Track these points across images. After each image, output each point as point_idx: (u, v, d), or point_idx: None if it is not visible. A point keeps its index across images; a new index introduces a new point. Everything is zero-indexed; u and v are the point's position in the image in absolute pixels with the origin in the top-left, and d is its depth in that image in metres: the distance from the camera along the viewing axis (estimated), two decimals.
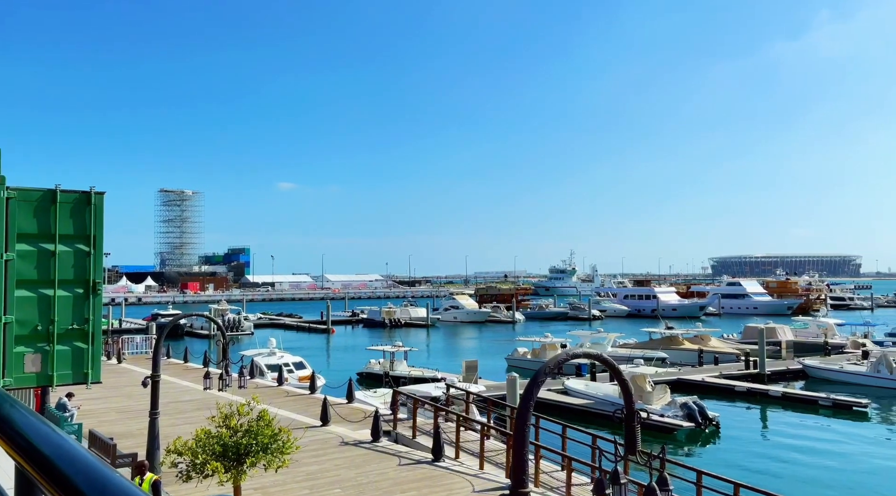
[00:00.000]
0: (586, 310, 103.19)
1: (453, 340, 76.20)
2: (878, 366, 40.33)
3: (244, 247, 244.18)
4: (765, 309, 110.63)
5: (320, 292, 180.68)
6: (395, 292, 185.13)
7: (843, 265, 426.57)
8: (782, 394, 36.76)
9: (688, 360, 47.25)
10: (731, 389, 38.24)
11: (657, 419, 28.95)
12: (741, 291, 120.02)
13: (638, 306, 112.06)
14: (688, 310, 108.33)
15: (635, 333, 61.65)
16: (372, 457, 16.52)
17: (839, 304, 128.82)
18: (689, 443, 27.89)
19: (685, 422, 28.54)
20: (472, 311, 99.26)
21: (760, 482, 19.68)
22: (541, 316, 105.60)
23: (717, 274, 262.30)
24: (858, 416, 32.59)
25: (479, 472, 15.20)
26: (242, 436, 11.56)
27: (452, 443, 16.95)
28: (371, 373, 42.63)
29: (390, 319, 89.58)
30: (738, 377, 40.88)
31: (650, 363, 41.14)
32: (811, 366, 43.70)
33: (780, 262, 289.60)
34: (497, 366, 47.54)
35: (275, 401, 23.76)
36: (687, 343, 51.22)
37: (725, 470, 21.02)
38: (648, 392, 30.84)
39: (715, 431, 28.90)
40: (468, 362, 36.31)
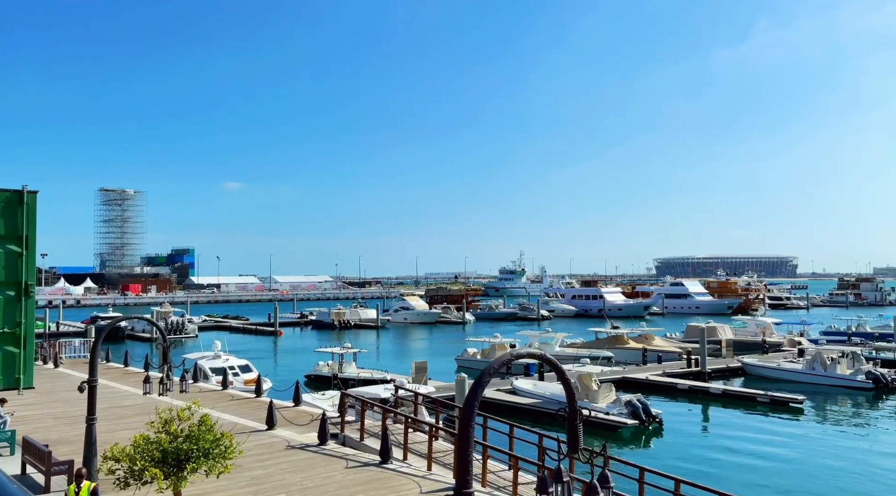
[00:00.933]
0: (535, 310, 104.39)
1: (403, 341, 76.05)
2: (813, 364, 41.91)
3: (189, 247, 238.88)
4: (706, 308, 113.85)
5: (268, 294, 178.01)
6: (345, 293, 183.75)
7: (780, 266, 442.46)
8: (722, 392, 37.87)
9: (633, 359, 48.27)
10: (673, 387, 39.21)
11: (603, 417, 29.45)
12: (684, 291, 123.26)
13: (585, 306, 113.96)
14: (633, 309, 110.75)
15: (582, 333, 62.64)
16: (318, 461, 16.32)
17: (777, 304, 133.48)
18: (633, 440, 28.45)
19: (630, 420, 29.12)
20: (422, 312, 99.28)
21: (701, 477, 20.20)
22: (491, 316, 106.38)
23: (661, 274, 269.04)
24: (794, 412, 33.81)
25: (427, 473, 15.18)
26: (183, 442, 11.27)
27: (400, 445, 16.90)
28: (319, 375, 42.19)
29: (340, 321, 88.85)
30: (680, 375, 41.95)
31: (596, 362, 41.83)
32: (750, 364, 45.14)
33: (721, 263, 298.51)
34: (447, 366, 47.66)
35: (219, 406, 23.29)
36: (632, 342, 52.30)
37: (667, 466, 21.52)
38: (594, 390, 31.35)
39: (658, 428, 29.57)
40: (418, 363, 36.28)
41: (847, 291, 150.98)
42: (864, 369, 39.88)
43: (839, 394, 38.26)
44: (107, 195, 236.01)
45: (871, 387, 38.47)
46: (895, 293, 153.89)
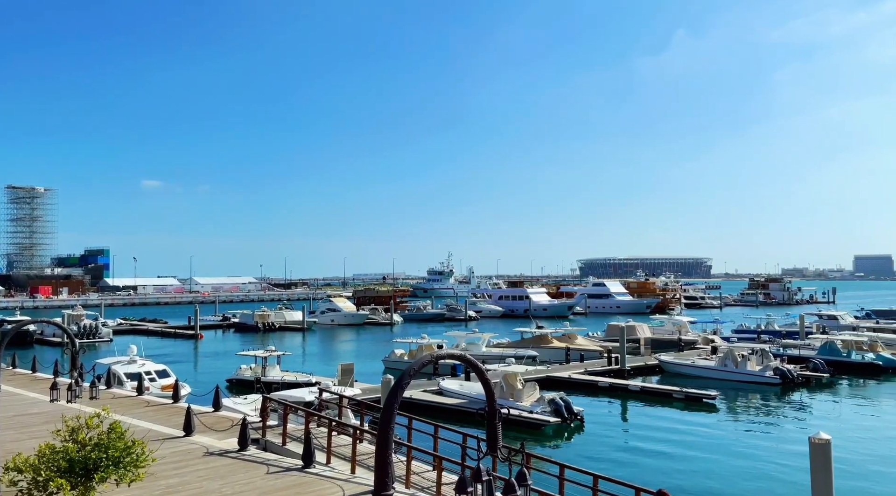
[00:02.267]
0: (463, 311, 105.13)
1: (330, 344, 75.13)
2: (725, 361, 43.85)
3: (103, 248, 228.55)
4: (627, 308, 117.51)
5: (188, 296, 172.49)
6: (270, 295, 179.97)
7: (695, 266, 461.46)
8: (641, 389, 39.15)
9: (556, 358, 49.29)
10: (594, 385, 40.26)
11: (527, 416, 29.95)
12: (605, 291, 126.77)
13: (512, 306, 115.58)
14: (557, 309, 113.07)
15: (508, 333, 63.53)
16: (238, 467, 15.91)
17: (692, 303, 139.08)
18: (555, 437, 29.05)
19: (552, 418, 29.72)
20: (349, 314, 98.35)
21: (620, 472, 20.83)
22: (419, 317, 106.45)
23: (584, 275, 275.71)
24: (708, 408, 35.27)
25: (351, 477, 15.03)
26: (91, 450, 10.75)
27: (324, 449, 16.67)
28: (242, 379, 41.18)
29: (264, 323, 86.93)
30: (601, 373, 43.13)
31: (521, 362, 42.48)
32: (666, 362, 46.84)
33: (641, 264, 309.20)
34: (374, 368, 47.40)
35: (133, 412, 22.37)
36: (556, 341, 53.41)
37: (588, 462, 22.09)
38: (519, 389, 31.84)
39: (580, 425, 30.30)
40: (344, 365, 35.95)
41: (757, 291, 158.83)
42: (772, 366, 42.00)
43: (749, 389, 40.16)
44: (14, 193, 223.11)
45: (779, 383, 40.56)
46: (802, 293, 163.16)
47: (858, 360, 46.46)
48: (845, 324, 73.56)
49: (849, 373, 44.92)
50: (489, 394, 6.52)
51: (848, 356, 46.94)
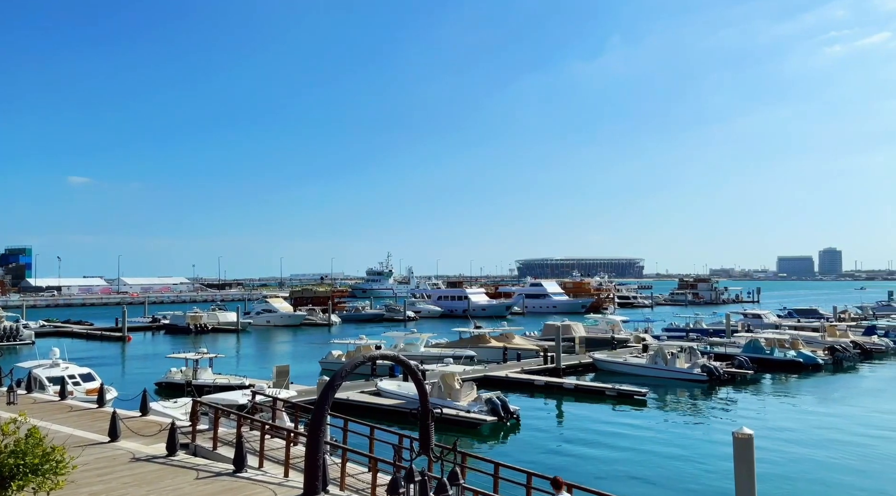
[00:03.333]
0: (402, 311, 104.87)
1: (266, 345, 73.70)
2: (655, 358, 45.12)
3: (25, 247, 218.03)
4: (563, 307, 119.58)
5: (116, 297, 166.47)
6: (202, 296, 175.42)
7: (629, 267, 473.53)
8: (575, 387, 39.90)
9: (494, 358, 49.74)
10: (531, 383, 40.82)
11: (464, 415, 30.11)
12: (542, 291, 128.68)
13: (451, 307, 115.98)
14: (496, 309, 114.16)
15: (447, 333, 63.69)
16: (166, 473, 15.42)
17: (625, 303, 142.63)
18: (492, 436, 29.30)
19: (489, 417, 29.96)
20: (286, 315, 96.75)
21: (554, 469, 21.15)
22: (357, 318, 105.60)
23: (522, 275, 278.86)
24: (638, 404, 36.23)
25: (284, 480, 14.77)
26: (7, 457, 10.25)
27: (256, 453, 16.34)
28: (172, 382, 39.97)
29: (196, 325, 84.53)
30: (537, 372, 43.76)
31: (459, 361, 42.72)
32: (600, 360, 47.87)
33: (577, 264, 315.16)
34: (311, 370, 46.77)
35: (55, 417, 21.43)
36: (493, 341, 53.88)
37: (523, 460, 22.37)
38: (457, 389, 31.98)
39: (516, 424, 30.65)
40: (279, 367, 35.32)
41: (686, 291, 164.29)
42: (699, 363, 43.43)
43: (678, 386, 41.44)
44: None
45: (706, 379, 41.99)
46: (728, 293, 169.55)
47: (780, 358, 48.54)
48: (769, 322, 76.86)
49: (771, 370, 46.87)
50: (422, 395, 6.51)
51: (771, 353, 48.97)
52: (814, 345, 53.54)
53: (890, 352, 56.47)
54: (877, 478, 22.78)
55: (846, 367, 49.81)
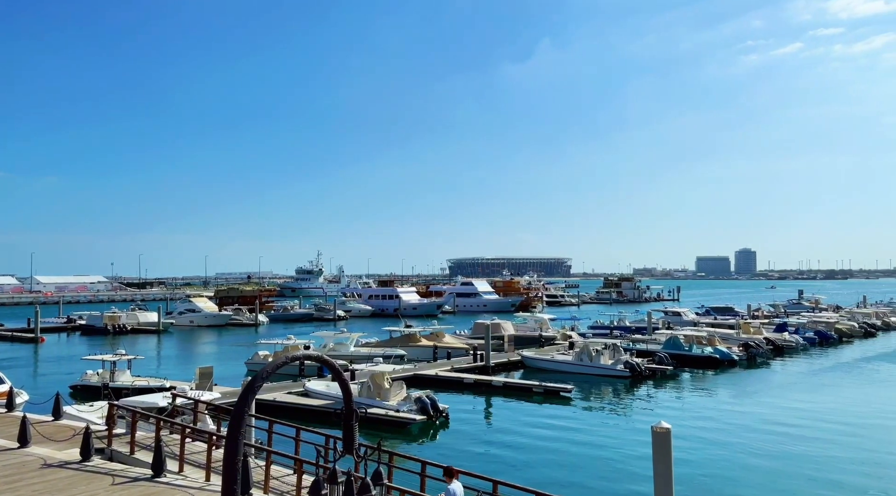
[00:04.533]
0: (332, 310, 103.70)
1: (189, 346, 71.50)
2: (581, 356, 46.22)
3: None
4: (493, 306, 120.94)
5: (28, 296, 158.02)
6: (122, 295, 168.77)
7: (557, 266, 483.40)
8: (503, 384, 40.45)
9: (424, 357, 49.84)
10: (460, 382, 41.13)
11: (393, 414, 30.07)
12: (473, 290, 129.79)
13: (382, 306, 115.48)
14: (427, 308, 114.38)
15: (378, 332, 63.37)
16: (80, 479, 14.75)
17: (553, 301, 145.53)
18: (421, 435, 29.36)
19: (418, 416, 30.01)
20: (210, 314, 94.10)
21: (481, 466, 21.38)
22: (286, 317, 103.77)
23: (453, 274, 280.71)
24: (564, 400, 37.03)
25: (205, 484, 14.38)
26: None
27: (176, 457, 15.84)
28: (87, 385, 38.27)
29: (114, 325, 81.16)
30: (466, 370, 44.12)
31: (389, 361, 42.59)
32: (528, 357, 48.67)
33: (507, 264, 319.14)
34: (237, 371, 45.68)
35: None
36: (424, 340, 53.99)
37: (450, 457, 22.50)
38: (386, 389, 31.88)
39: (445, 422, 30.82)
40: (202, 369, 34.30)
41: (611, 290, 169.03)
42: (622, 360, 44.76)
43: (602, 382, 42.58)
44: None
45: (628, 375, 43.30)
46: (650, 291, 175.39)
47: (698, 354, 50.53)
48: (688, 320, 79.96)
49: (690, 366, 48.75)
50: (346, 395, 6.46)
51: (689, 350, 50.92)
52: (729, 341, 55.94)
53: (800, 349, 59.61)
54: (785, 470, 24.02)
55: (759, 363, 52.30)
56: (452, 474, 12.29)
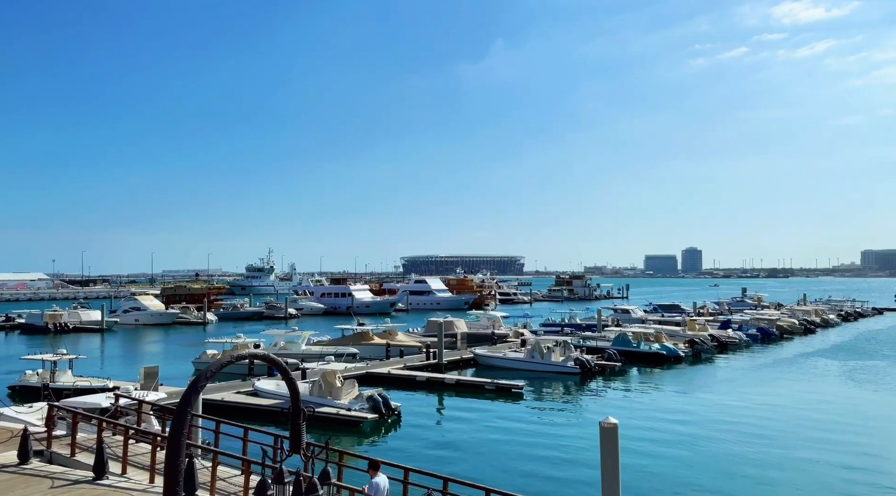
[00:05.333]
0: (283, 308, 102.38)
1: (134, 345, 69.64)
2: (532, 353, 46.70)
3: None
4: (446, 304, 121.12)
5: None
6: (63, 293, 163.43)
7: (510, 264, 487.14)
8: (456, 381, 40.61)
9: (377, 355, 49.63)
10: (413, 379, 41.11)
11: (345, 413, 29.87)
12: (427, 288, 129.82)
13: (334, 304, 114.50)
14: (380, 306, 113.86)
15: (330, 331, 62.82)
16: (17, 482, 14.24)
17: (505, 299, 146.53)
18: (373, 433, 29.25)
19: (370, 414, 29.88)
20: (157, 313, 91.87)
21: (433, 463, 21.42)
22: (235, 316, 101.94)
23: (407, 272, 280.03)
24: (516, 397, 37.37)
25: (149, 487, 14.05)
26: None
27: (119, 459, 15.42)
28: (27, 386, 36.92)
29: (55, 324, 78.53)
30: (419, 368, 44.13)
31: (341, 359, 42.28)
32: (480, 355, 48.96)
33: (461, 262, 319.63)
34: (184, 370, 44.73)
35: None
36: (376, 338, 53.74)
37: (402, 455, 22.50)
38: (338, 387, 31.64)
39: (396, 420, 30.76)
40: (147, 368, 33.47)
41: (563, 288, 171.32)
42: (573, 356, 45.40)
43: (553, 379, 43.11)
44: None
45: (578, 372, 43.95)
46: (601, 289, 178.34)
47: (646, 350, 51.63)
48: (636, 317, 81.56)
49: (638, 362, 49.78)
50: (293, 393, 6.39)
51: (637, 346, 51.99)
52: (676, 338, 57.30)
53: (743, 345, 61.46)
54: (729, 462, 24.73)
55: (704, 359, 53.73)
56: (376, 467, 12.33)
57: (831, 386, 41.77)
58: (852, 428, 30.04)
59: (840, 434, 28.78)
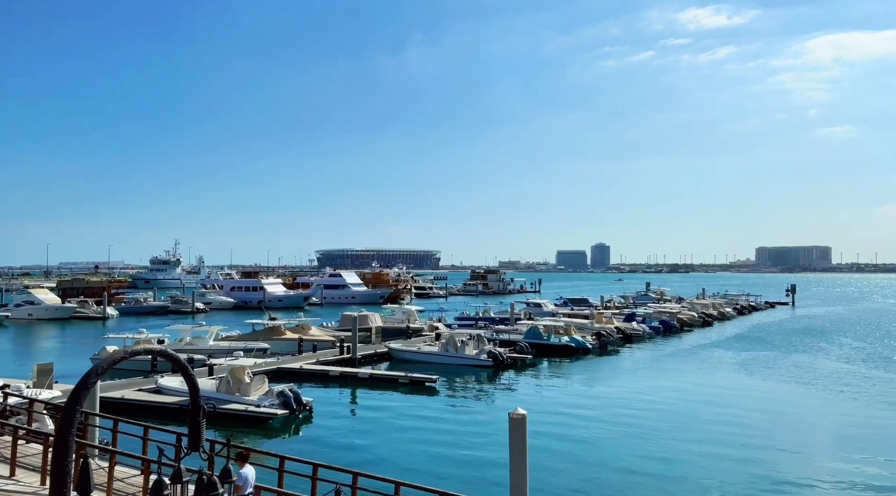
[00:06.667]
0: (189, 303, 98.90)
1: (26, 341, 65.57)
2: (447, 346, 47.07)
3: None
4: (362, 298, 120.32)
5: None
6: None
7: (426, 258, 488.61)
8: (370, 376, 40.40)
9: (289, 350, 48.69)
10: (326, 374, 40.63)
11: (254, 410, 29.17)
12: (342, 282, 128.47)
13: (245, 298, 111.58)
14: (293, 300, 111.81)
15: (240, 325, 61.12)
16: None
17: (421, 293, 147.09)
18: (283, 430, 28.70)
19: (280, 410, 29.29)
20: (52, 307, 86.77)
21: (345, 459, 21.29)
22: (139, 310, 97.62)
23: (322, 266, 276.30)
24: (430, 391, 37.57)
25: (39, 488, 13.25)
26: None
27: (7, 460, 14.48)
28: None
29: None
30: (333, 362, 43.66)
31: (251, 354, 41.25)
32: (395, 349, 48.93)
33: (377, 255, 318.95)
34: (81, 368, 42.26)
35: None
36: (289, 333, 52.71)
37: (313, 451, 22.20)
38: (247, 383, 30.85)
39: (308, 416, 30.28)
40: (41, 365, 31.46)
41: (477, 282, 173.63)
42: (486, 350, 46.06)
43: (467, 372, 43.60)
44: None
45: (491, 365, 44.65)
46: (514, 283, 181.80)
47: (556, 343, 53.04)
48: (547, 311, 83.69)
49: (548, 355, 51.07)
50: (192, 390, 6.16)
51: (548, 339, 53.33)
52: (584, 330, 59.11)
53: (646, 337, 64.15)
54: (632, 449, 25.76)
55: (610, 351, 55.74)
56: (245, 458, 12.12)
57: (726, 375, 44.20)
58: (742, 416, 31.90)
59: (729, 423, 30.50)
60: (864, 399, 36.14)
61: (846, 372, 45.38)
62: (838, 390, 38.64)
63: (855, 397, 36.70)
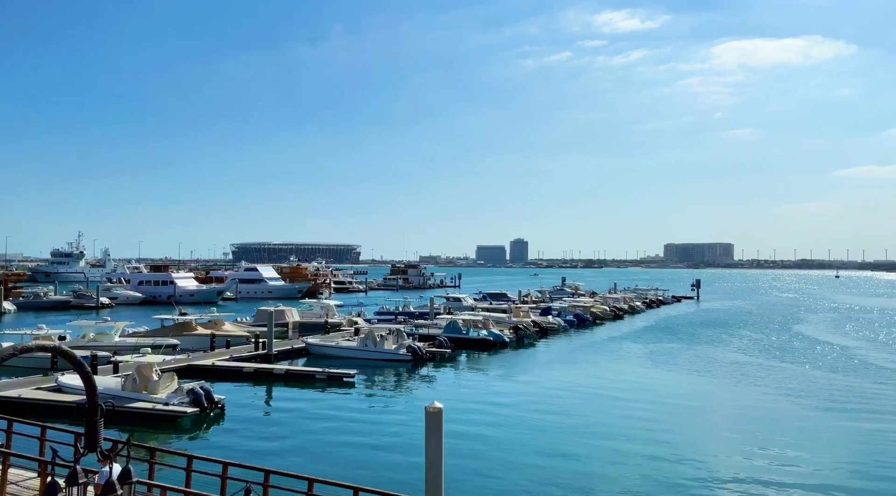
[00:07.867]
0: (94, 297, 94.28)
1: None
2: (366, 342, 46.76)
3: None
4: (279, 293, 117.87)
5: None
6: None
7: (346, 253, 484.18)
8: (286, 372, 39.69)
9: (200, 346, 47.14)
10: (239, 371, 39.62)
11: (161, 408, 28.13)
12: (258, 276, 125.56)
13: (154, 292, 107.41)
14: (206, 295, 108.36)
15: (148, 321, 58.75)
16: None
17: (341, 288, 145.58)
18: (193, 428, 27.79)
19: (190, 409, 28.33)
20: None
21: (258, 456, 20.85)
22: (38, 305, 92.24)
23: (237, 260, 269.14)
24: (347, 386, 37.26)
25: None
26: None
27: None
28: None
29: None
30: (247, 358, 42.61)
31: (159, 351, 39.77)
32: (312, 344, 48.23)
33: (295, 249, 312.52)
34: None
35: None
36: (201, 328, 51.08)
37: (223, 450, 21.64)
38: (154, 381, 29.67)
39: (220, 414, 29.43)
40: None
41: (398, 276, 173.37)
42: (405, 344, 46.08)
43: (386, 366, 43.49)
44: None
45: (410, 359, 44.71)
46: (434, 278, 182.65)
47: (475, 337, 53.67)
48: (466, 305, 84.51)
49: (467, 348, 51.65)
50: (88, 388, 5.87)
51: (467, 333, 53.89)
52: (502, 324, 60.11)
53: (561, 330, 65.88)
54: (548, 440, 26.41)
55: (527, 344, 56.93)
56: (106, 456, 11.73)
57: (634, 367, 45.90)
58: (648, 407, 33.25)
59: (635, 415, 31.75)
60: (761, 387, 38.40)
61: (745, 362, 48.06)
62: (737, 380, 40.88)
63: (753, 385, 38.95)
